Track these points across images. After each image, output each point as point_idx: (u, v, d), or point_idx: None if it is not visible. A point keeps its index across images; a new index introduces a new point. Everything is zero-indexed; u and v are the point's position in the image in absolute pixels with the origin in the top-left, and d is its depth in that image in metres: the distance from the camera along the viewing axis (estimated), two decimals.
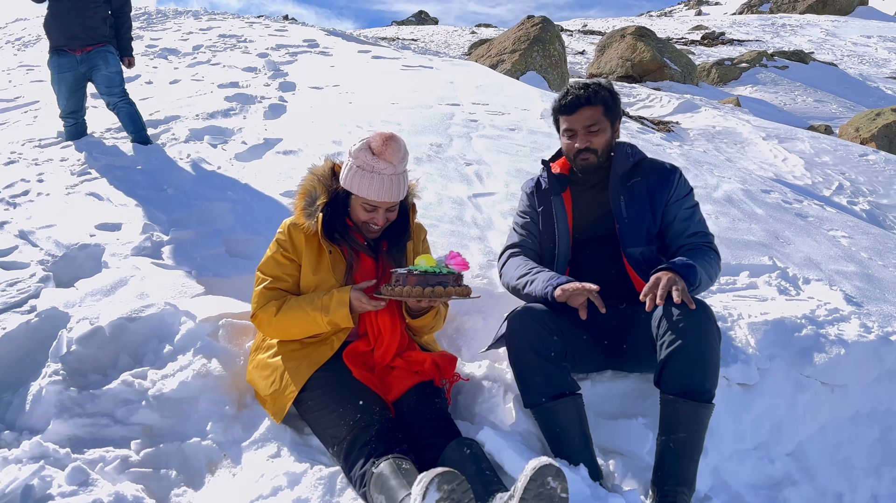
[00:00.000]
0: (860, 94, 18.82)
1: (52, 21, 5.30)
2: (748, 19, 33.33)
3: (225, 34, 10.89)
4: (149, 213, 4.13)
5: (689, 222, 2.70)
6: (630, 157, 2.73)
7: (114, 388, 2.64)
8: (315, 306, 2.41)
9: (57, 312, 3.06)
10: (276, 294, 2.54)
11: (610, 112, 2.68)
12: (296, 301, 2.48)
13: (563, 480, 1.85)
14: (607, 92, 2.68)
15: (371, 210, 2.51)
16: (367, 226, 2.56)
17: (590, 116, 2.65)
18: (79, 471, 2.21)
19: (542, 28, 14.58)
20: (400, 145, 2.49)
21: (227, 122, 6.13)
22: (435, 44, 25.71)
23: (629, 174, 2.72)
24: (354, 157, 2.48)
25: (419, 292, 2.27)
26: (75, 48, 5.27)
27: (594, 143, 2.66)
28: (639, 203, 2.67)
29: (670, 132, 9.13)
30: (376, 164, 2.44)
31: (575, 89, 2.67)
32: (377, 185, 2.45)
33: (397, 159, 2.46)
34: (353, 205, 2.55)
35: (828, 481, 2.64)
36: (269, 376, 2.48)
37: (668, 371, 2.29)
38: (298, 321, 2.45)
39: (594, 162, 2.69)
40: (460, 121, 6.27)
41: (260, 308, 2.52)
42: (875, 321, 3.13)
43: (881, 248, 4.53)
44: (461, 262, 2.38)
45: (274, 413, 2.44)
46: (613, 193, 2.69)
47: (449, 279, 2.32)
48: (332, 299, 2.40)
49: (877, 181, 7.76)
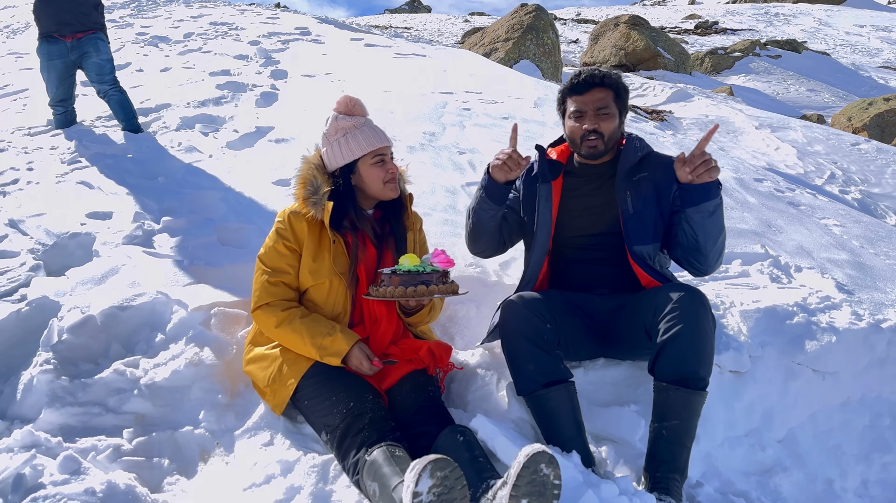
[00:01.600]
0: (853, 83, 18.86)
1: (42, 7, 5.24)
2: (741, 8, 33.29)
3: (216, 22, 10.79)
4: (140, 201, 4.10)
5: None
6: (638, 151, 2.66)
7: (105, 377, 2.63)
8: (314, 342, 2.38)
9: (48, 301, 3.04)
10: (279, 291, 2.51)
11: (620, 100, 2.62)
12: (299, 323, 2.43)
13: (556, 467, 1.86)
14: (621, 82, 2.64)
15: (380, 162, 2.56)
16: (388, 184, 2.57)
17: (601, 98, 2.57)
18: (71, 460, 2.20)
19: (536, 16, 14.52)
20: (358, 98, 2.64)
21: (219, 110, 6.09)
22: (428, 32, 25.59)
23: (635, 169, 2.64)
24: (334, 131, 2.58)
25: (402, 292, 2.27)
26: (65, 34, 5.20)
27: (602, 127, 2.57)
28: (645, 199, 2.59)
29: (664, 121, 9.12)
30: (355, 121, 2.57)
31: (585, 71, 2.63)
32: (371, 134, 2.56)
33: (364, 110, 2.64)
34: (365, 172, 2.56)
35: (818, 467, 2.66)
36: (267, 367, 2.47)
37: (663, 358, 2.29)
38: (294, 344, 2.44)
39: (601, 148, 2.60)
40: (453, 109, 6.24)
41: (261, 307, 2.51)
42: (866, 309, 3.15)
43: (872, 236, 4.55)
44: (445, 260, 2.38)
45: (274, 405, 2.44)
46: (620, 188, 2.61)
47: (433, 278, 2.31)
48: (332, 343, 2.37)
49: (868, 170, 7.78)
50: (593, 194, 2.68)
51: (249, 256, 3.49)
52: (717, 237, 2.51)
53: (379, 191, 2.58)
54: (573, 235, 2.68)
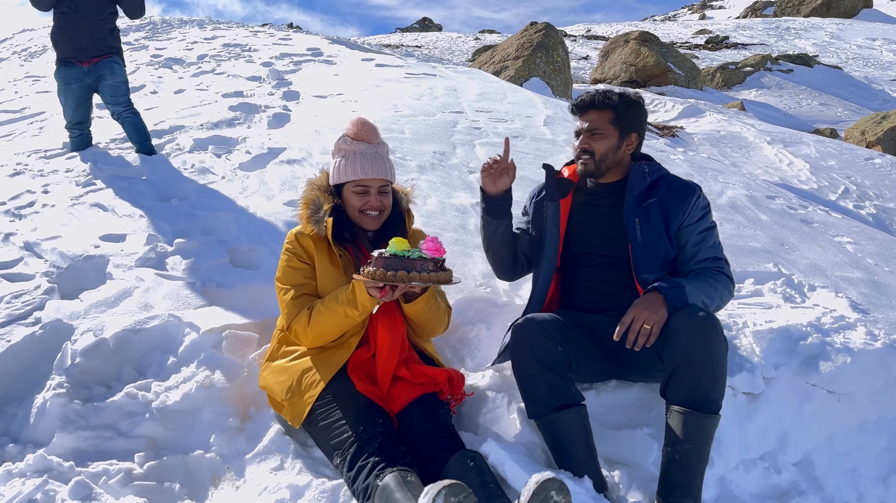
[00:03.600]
0: (866, 96, 18.77)
1: (60, 33, 5.33)
2: (752, 23, 33.30)
3: (229, 43, 10.93)
4: (153, 223, 4.14)
5: (700, 247, 2.58)
6: (647, 176, 2.64)
7: (118, 401, 2.65)
8: (341, 302, 2.43)
9: (61, 324, 3.07)
10: (304, 301, 2.55)
11: (620, 121, 2.62)
12: (321, 305, 2.49)
13: (567, 494, 1.85)
14: (623, 101, 2.62)
15: (363, 192, 2.60)
16: (365, 215, 2.61)
17: (595, 119, 2.62)
18: (82, 486, 2.21)
19: (546, 34, 14.59)
20: (372, 125, 2.68)
21: (232, 131, 6.15)
22: (439, 50, 25.78)
23: (646, 194, 2.62)
24: (337, 151, 2.66)
25: (382, 275, 2.26)
26: (83, 60, 5.29)
27: (592, 146, 2.61)
28: (654, 226, 2.56)
29: (675, 137, 9.11)
30: (356, 146, 2.62)
31: (589, 93, 2.67)
32: (360, 162, 2.59)
33: (373, 137, 2.65)
34: (346, 197, 2.63)
35: (835, 491, 2.62)
36: (285, 381, 2.48)
37: (675, 382, 2.28)
38: (331, 322, 2.46)
39: (591, 167, 2.64)
40: (463, 128, 6.27)
41: (293, 320, 2.53)
42: (881, 328, 3.11)
43: (887, 253, 4.51)
44: (434, 248, 2.34)
45: (292, 418, 2.44)
46: (628, 215, 2.59)
47: (416, 264, 2.27)
48: (352, 291, 2.42)
49: (883, 185, 7.73)
50: (603, 213, 2.68)
51: (261, 278, 3.51)
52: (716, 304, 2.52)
53: (356, 218, 2.65)
54: (582, 252, 2.68)
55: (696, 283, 2.45)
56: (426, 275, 2.28)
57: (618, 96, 2.63)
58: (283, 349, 2.61)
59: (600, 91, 2.66)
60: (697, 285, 2.44)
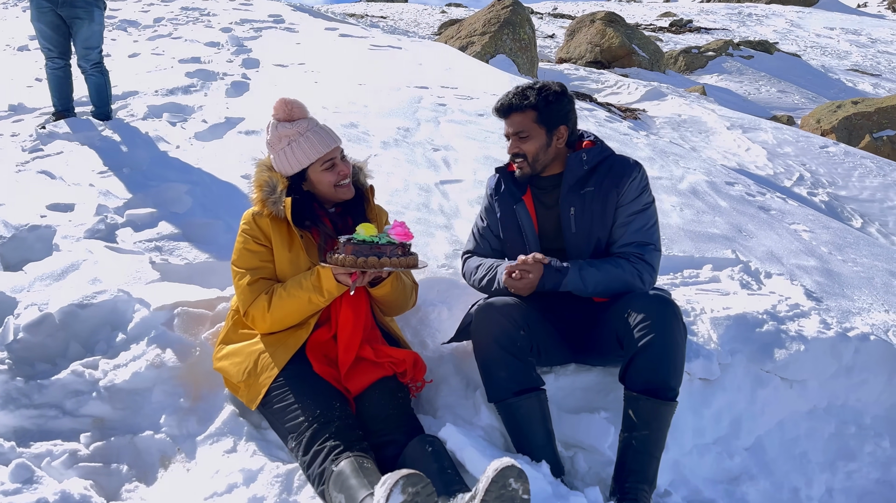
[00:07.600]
0: (822, 85, 19.13)
1: None
2: (715, 7, 33.58)
3: (187, 6, 10.56)
4: (103, 193, 3.98)
5: (625, 229, 2.55)
6: (585, 164, 2.58)
7: (63, 378, 2.55)
8: (305, 288, 2.36)
9: (4, 297, 2.94)
10: (261, 286, 2.46)
11: (543, 119, 2.55)
12: (283, 290, 2.40)
13: (525, 481, 1.84)
14: (543, 99, 2.54)
15: (331, 166, 2.52)
16: (340, 188, 2.54)
17: (518, 122, 2.58)
18: (23, 468, 2.13)
19: (513, 11, 14.46)
20: (296, 100, 2.59)
21: (188, 99, 5.95)
22: (404, 22, 25.38)
23: (583, 181, 2.59)
24: (278, 140, 2.53)
25: (353, 261, 2.22)
26: None
27: (522, 149, 2.58)
28: (589, 214, 2.55)
29: (637, 120, 9.15)
30: (297, 126, 2.52)
31: (508, 95, 2.60)
32: (314, 138, 2.51)
33: (305, 111, 2.58)
34: (315, 178, 2.54)
35: (784, 476, 2.68)
36: (242, 362, 2.41)
37: (634, 368, 2.29)
38: (293, 308, 2.39)
39: (527, 170, 2.61)
40: (428, 104, 6.18)
41: (250, 305, 2.44)
42: (834, 317, 3.17)
43: (841, 242, 4.60)
44: (402, 233, 2.31)
45: (248, 400, 2.37)
46: (563, 206, 2.58)
47: (386, 250, 2.24)
48: (317, 277, 2.35)
49: (836, 173, 7.89)
50: (547, 206, 2.65)
51: (216, 253, 3.41)
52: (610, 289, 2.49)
53: (332, 194, 2.57)
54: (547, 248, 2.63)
55: (591, 271, 2.45)
56: (396, 261, 2.25)
57: (536, 94, 2.55)
58: (239, 331, 2.53)
59: (518, 92, 2.59)
60: (590, 272, 2.45)
